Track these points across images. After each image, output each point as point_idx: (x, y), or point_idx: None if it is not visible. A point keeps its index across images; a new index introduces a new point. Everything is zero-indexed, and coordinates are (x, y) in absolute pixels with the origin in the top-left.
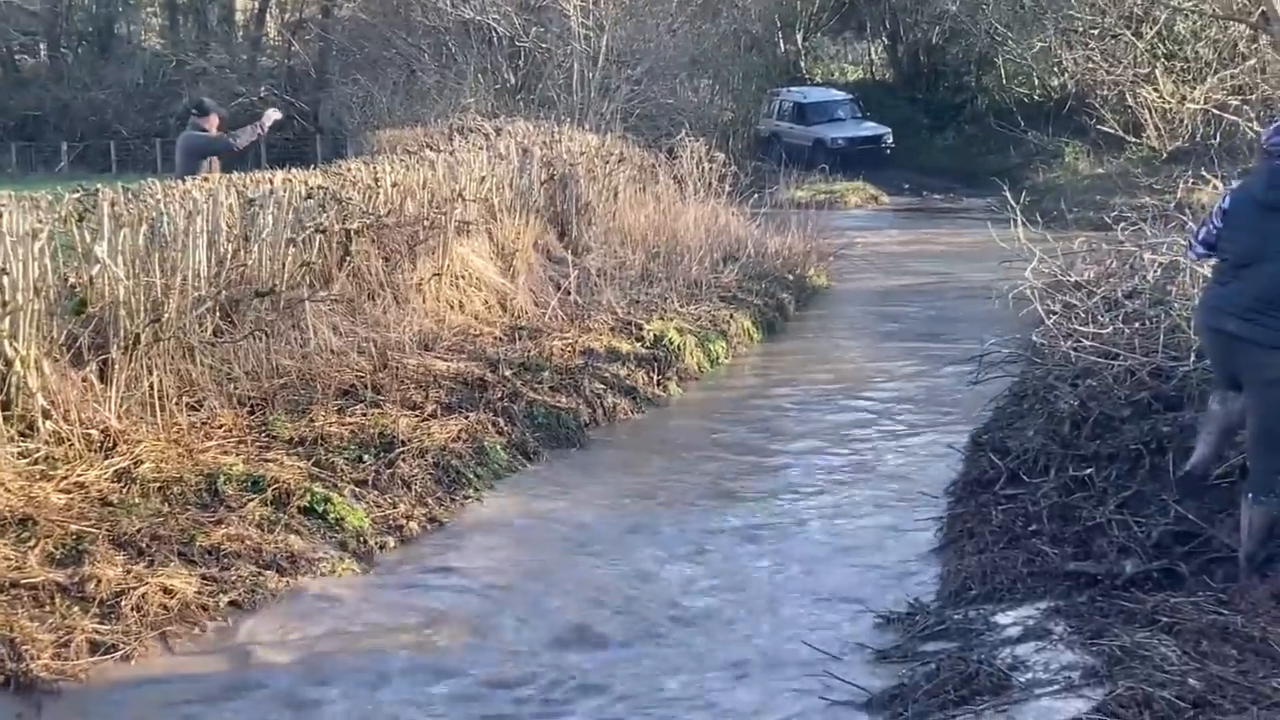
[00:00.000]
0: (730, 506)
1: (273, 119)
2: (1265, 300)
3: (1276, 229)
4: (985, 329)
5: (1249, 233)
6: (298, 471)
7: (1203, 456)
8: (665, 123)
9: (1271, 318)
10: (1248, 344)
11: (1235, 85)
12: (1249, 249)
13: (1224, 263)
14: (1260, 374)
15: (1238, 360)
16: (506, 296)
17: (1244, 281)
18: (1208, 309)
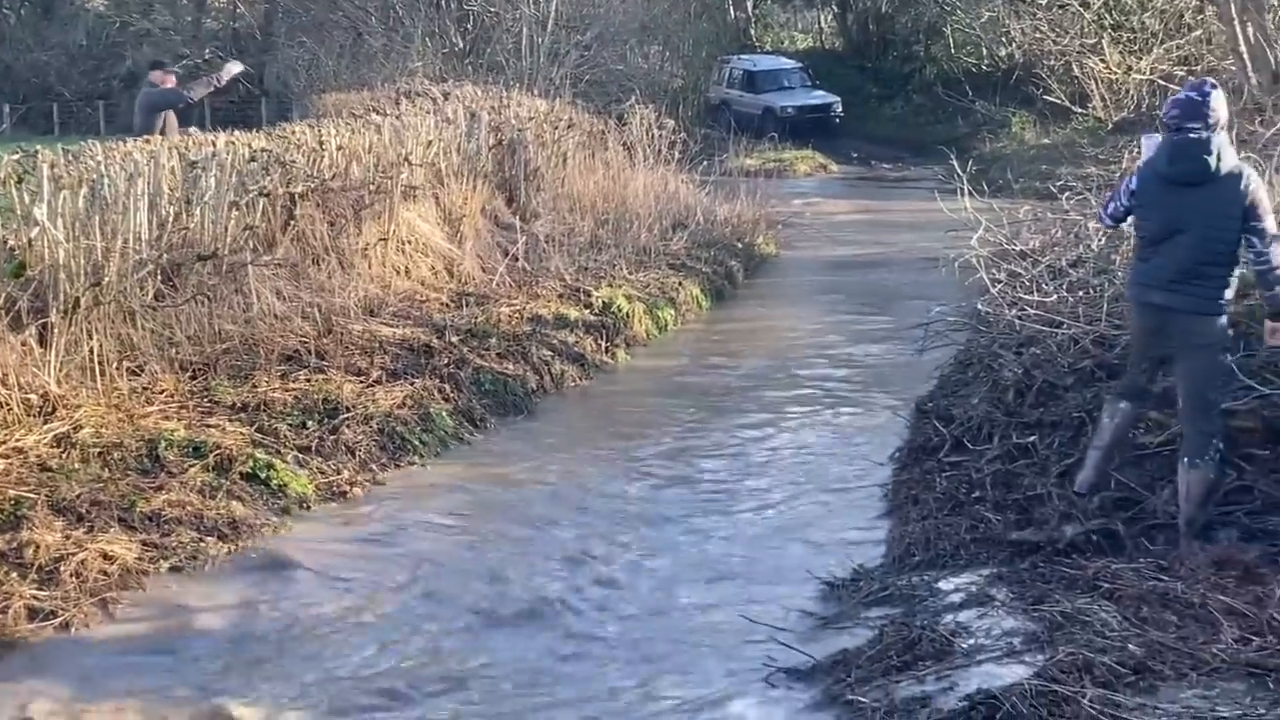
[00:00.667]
0: (676, 475)
1: (232, 72)
2: (1186, 271)
3: (1183, 202)
4: (932, 297)
5: (1159, 209)
6: (240, 437)
7: (1088, 481)
8: (615, 89)
9: (1195, 286)
10: (1176, 313)
11: (1181, 56)
12: (1162, 224)
13: (1142, 240)
14: (1189, 340)
15: (1169, 330)
16: (453, 262)
17: (1163, 256)
18: (1135, 285)
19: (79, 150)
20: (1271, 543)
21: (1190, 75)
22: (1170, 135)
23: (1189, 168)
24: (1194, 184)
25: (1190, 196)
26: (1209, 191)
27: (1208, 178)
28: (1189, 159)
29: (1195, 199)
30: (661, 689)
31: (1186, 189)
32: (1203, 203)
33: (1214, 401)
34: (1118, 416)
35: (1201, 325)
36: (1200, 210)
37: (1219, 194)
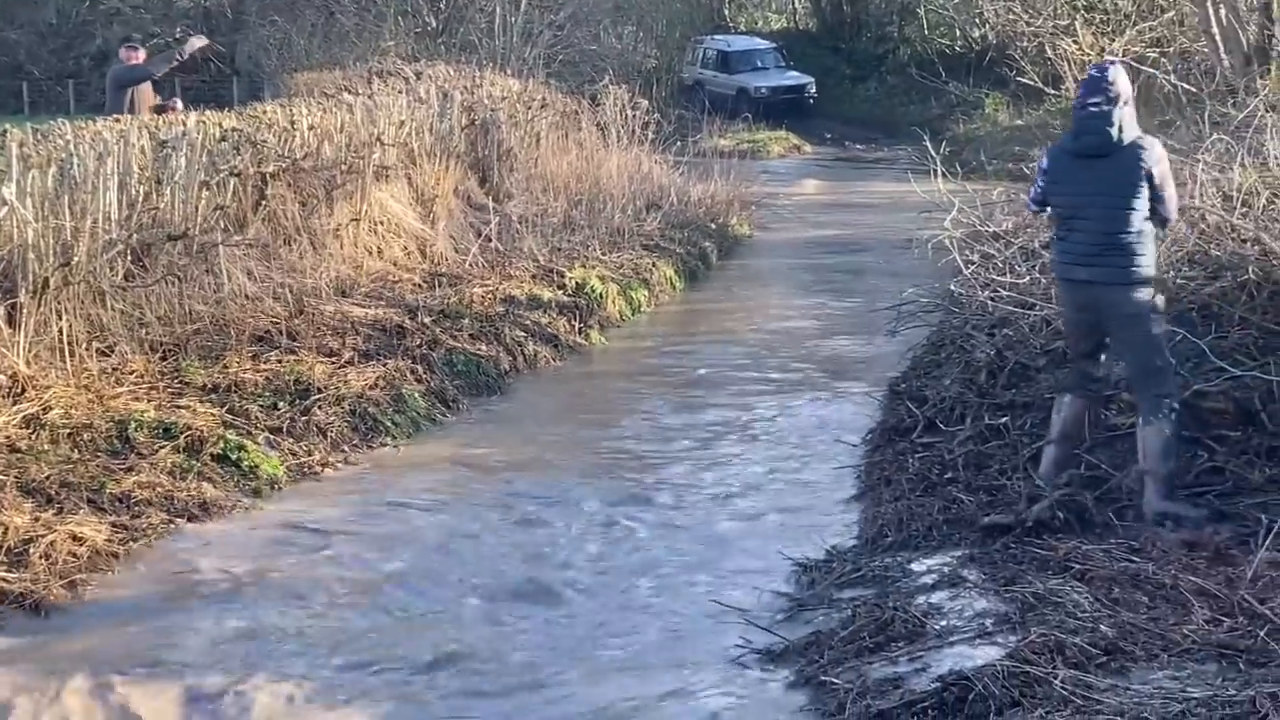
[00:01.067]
0: (649, 458)
1: (195, 46)
2: (1102, 244)
3: (1092, 176)
4: (904, 279)
5: (1070, 184)
6: (211, 418)
7: (1047, 475)
8: (588, 69)
9: (1115, 257)
10: (1100, 286)
11: (1154, 38)
12: (1074, 200)
13: (1059, 218)
14: (1118, 311)
15: (1098, 305)
16: (426, 243)
17: (1080, 232)
18: (1058, 265)
19: (48, 129)
20: (1242, 524)
21: (1163, 57)
22: (1077, 111)
23: (1091, 140)
24: (1098, 156)
25: (1096, 169)
26: (1113, 163)
27: (1110, 149)
28: (1090, 131)
29: (1100, 171)
30: (633, 671)
31: (1092, 162)
32: (1108, 174)
33: (1160, 367)
34: (1064, 410)
35: (1126, 295)
36: (1106, 182)
37: (1122, 165)
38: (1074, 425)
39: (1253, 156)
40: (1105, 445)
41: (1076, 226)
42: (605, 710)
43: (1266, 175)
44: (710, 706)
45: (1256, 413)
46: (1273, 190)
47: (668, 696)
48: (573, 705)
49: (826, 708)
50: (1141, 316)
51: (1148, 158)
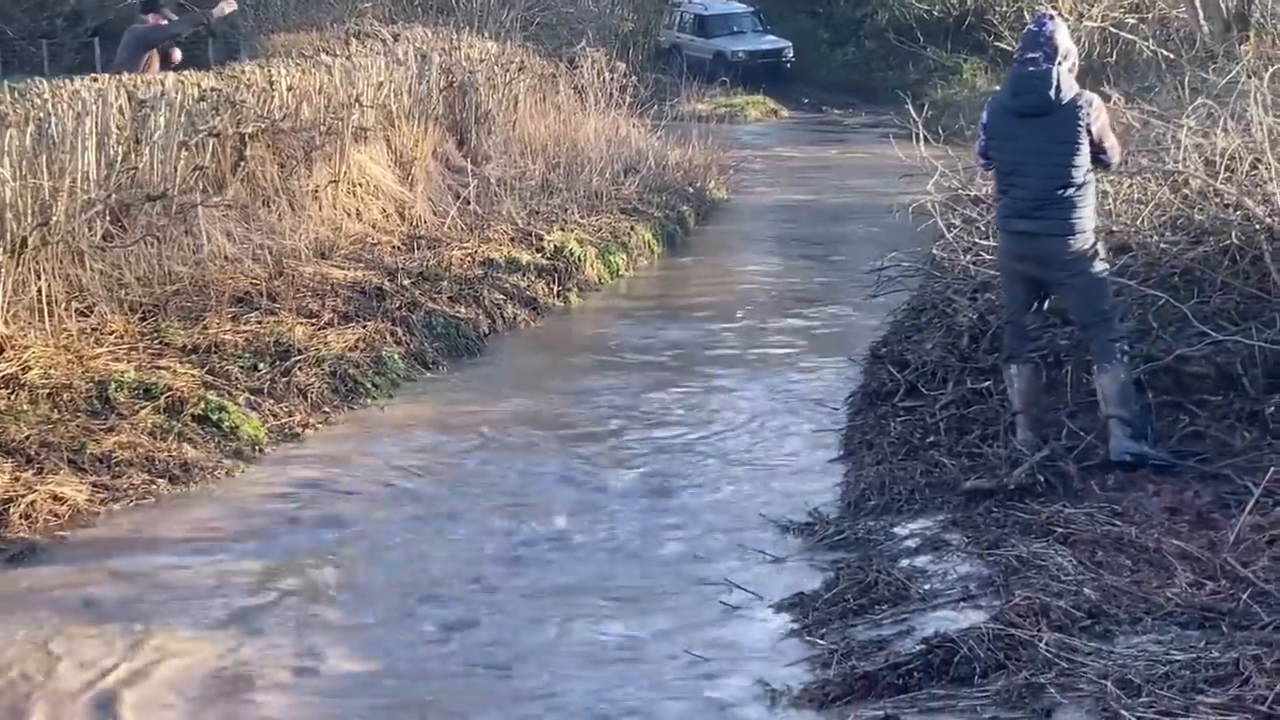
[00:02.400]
0: (630, 419)
1: (224, 11)
2: (1042, 198)
3: (1029, 132)
4: (885, 243)
5: (1009, 140)
6: (191, 379)
7: (1028, 441)
8: (565, 32)
9: (1054, 209)
10: (1041, 238)
11: (1133, 3)
12: (1013, 155)
13: (1000, 172)
14: (1058, 259)
15: (1039, 255)
16: (405, 205)
17: (1019, 187)
18: (1001, 218)
19: (25, 88)
20: (1224, 487)
21: (1142, 23)
22: (1015, 67)
23: (1030, 99)
24: (1037, 114)
25: (1035, 127)
26: (1052, 120)
27: (1049, 108)
28: (1029, 90)
29: (1040, 128)
30: (616, 630)
31: (1031, 119)
32: (1047, 131)
33: (1107, 312)
34: (1016, 381)
35: (1066, 245)
36: (1046, 139)
37: (1062, 122)
38: (1032, 391)
39: (1235, 121)
40: (1086, 410)
41: (1017, 182)
42: (591, 657)
43: (1249, 140)
44: (691, 663)
45: (1238, 377)
46: (1256, 155)
47: (647, 658)
48: (566, 646)
49: (811, 668)
50: (1084, 262)
51: (1086, 115)
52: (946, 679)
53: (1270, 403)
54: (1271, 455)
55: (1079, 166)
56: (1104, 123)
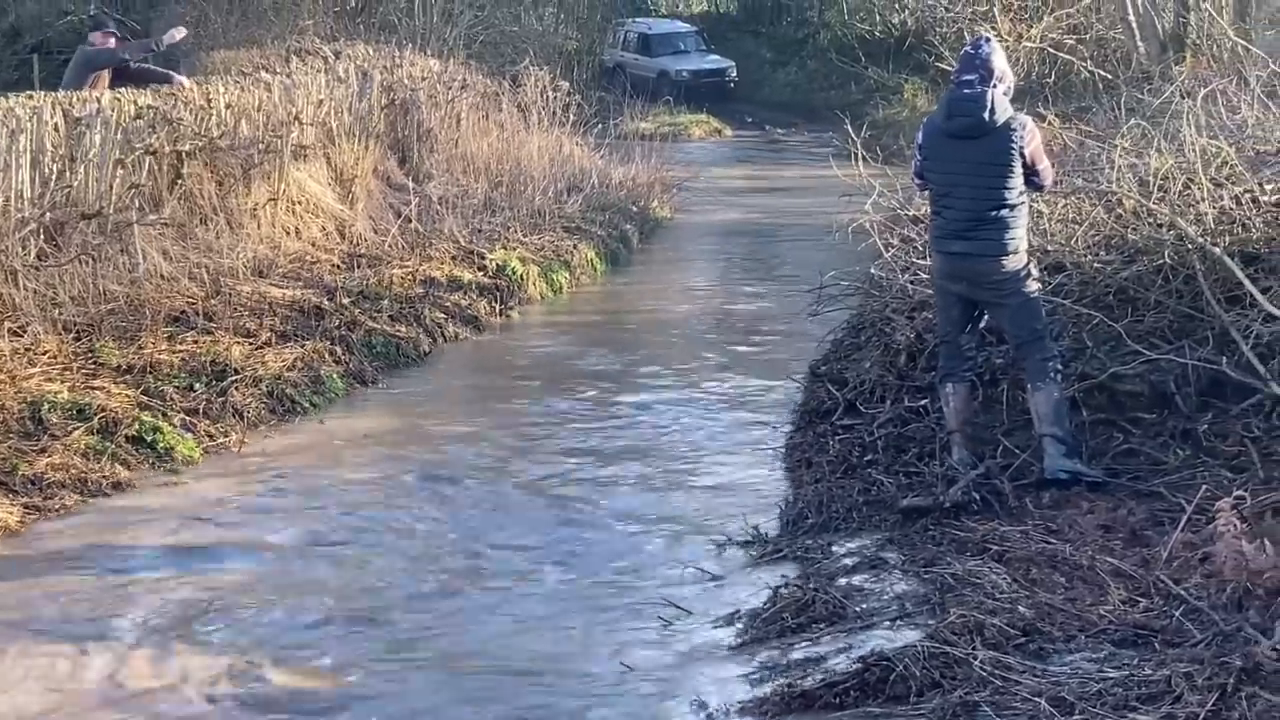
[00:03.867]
0: (565, 438)
1: (175, 37)
2: (975, 219)
3: (963, 154)
4: (825, 262)
5: (944, 162)
6: (126, 400)
7: (964, 460)
8: (509, 50)
9: (987, 230)
10: (973, 258)
11: (1071, 25)
12: (947, 176)
13: (934, 193)
14: (991, 280)
15: (972, 276)
16: (345, 223)
17: (953, 208)
18: (934, 238)
19: None
20: (1157, 505)
21: (1080, 44)
22: (950, 89)
23: (964, 121)
24: (971, 136)
25: (969, 149)
26: (986, 142)
27: (983, 130)
28: (963, 113)
29: (973, 151)
30: (549, 646)
31: (965, 141)
32: (981, 154)
33: (1041, 331)
34: (951, 400)
35: (999, 266)
36: (979, 161)
37: (995, 144)
38: (967, 410)
39: (1168, 142)
40: (1022, 428)
41: (951, 203)
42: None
43: (1182, 160)
44: (627, 680)
45: (1171, 395)
46: (1188, 175)
47: (591, 676)
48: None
49: (749, 686)
50: (1016, 282)
51: (1019, 137)
52: (883, 697)
53: (1203, 421)
54: (1204, 473)
55: (1012, 188)
56: (1037, 145)
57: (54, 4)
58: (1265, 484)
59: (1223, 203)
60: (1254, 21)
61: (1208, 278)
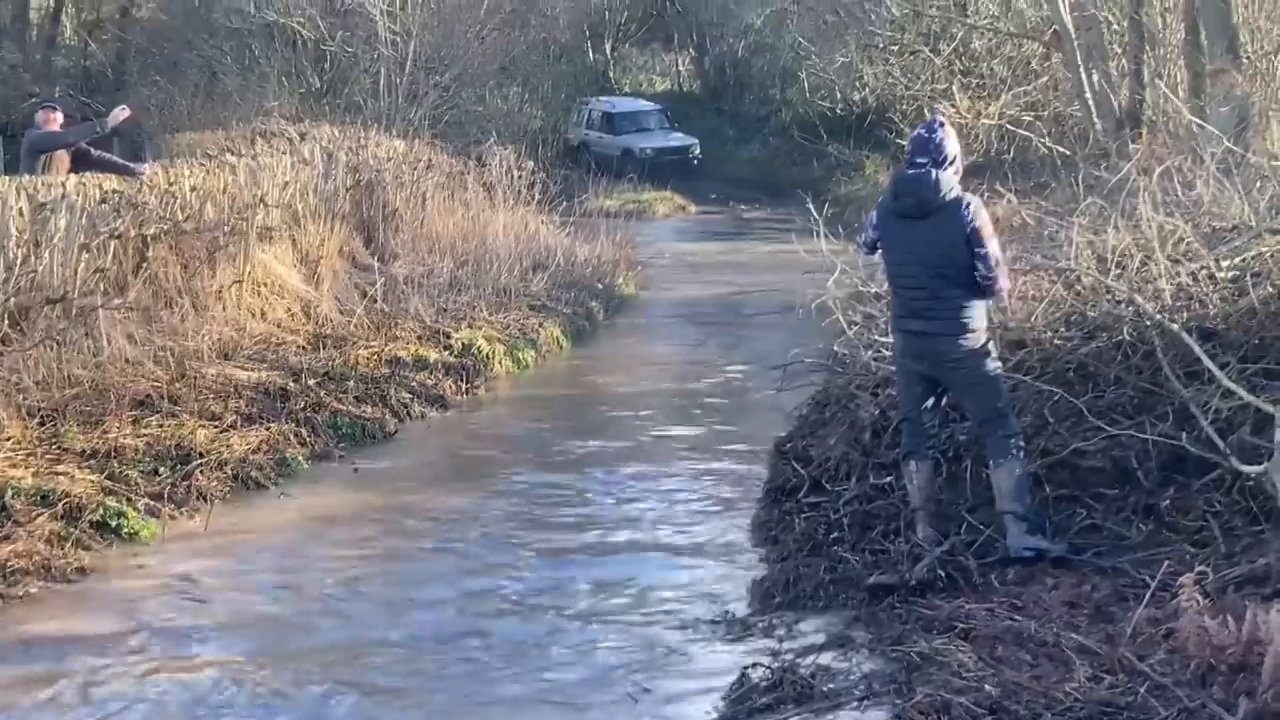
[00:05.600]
0: (529, 518)
1: (119, 118)
2: (932, 299)
3: (914, 234)
4: (790, 338)
5: (896, 241)
6: (90, 485)
7: (928, 538)
8: (474, 130)
9: (943, 308)
10: (931, 337)
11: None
12: (900, 256)
13: (890, 273)
14: (950, 358)
15: (932, 355)
16: (310, 304)
17: (910, 288)
18: (894, 317)
19: None
20: (1121, 580)
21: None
22: (903, 170)
23: (911, 202)
24: (920, 216)
25: (919, 228)
26: (935, 221)
27: (931, 210)
28: (910, 194)
29: (924, 230)
30: None
31: (915, 221)
32: (931, 233)
33: (1001, 409)
34: (915, 478)
35: (958, 344)
36: (930, 241)
37: (944, 224)
38: (930, 487)
39: (1126, 219)
40: (986, 505)
41: (907, 283)
42: None
43: (1139, 237)
44: None
45: (1133, 471)
46: (1145, 252)
47: None
48: None
49: None
50: (976, 360)
51: (968, 216)
52: None
53: (1165, 496)
54: (1167, 548)
55: (962, 267)
56: (985, 224)
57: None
58: (1227, 558)
59: (1180, 279)
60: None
61: (1166, 353)
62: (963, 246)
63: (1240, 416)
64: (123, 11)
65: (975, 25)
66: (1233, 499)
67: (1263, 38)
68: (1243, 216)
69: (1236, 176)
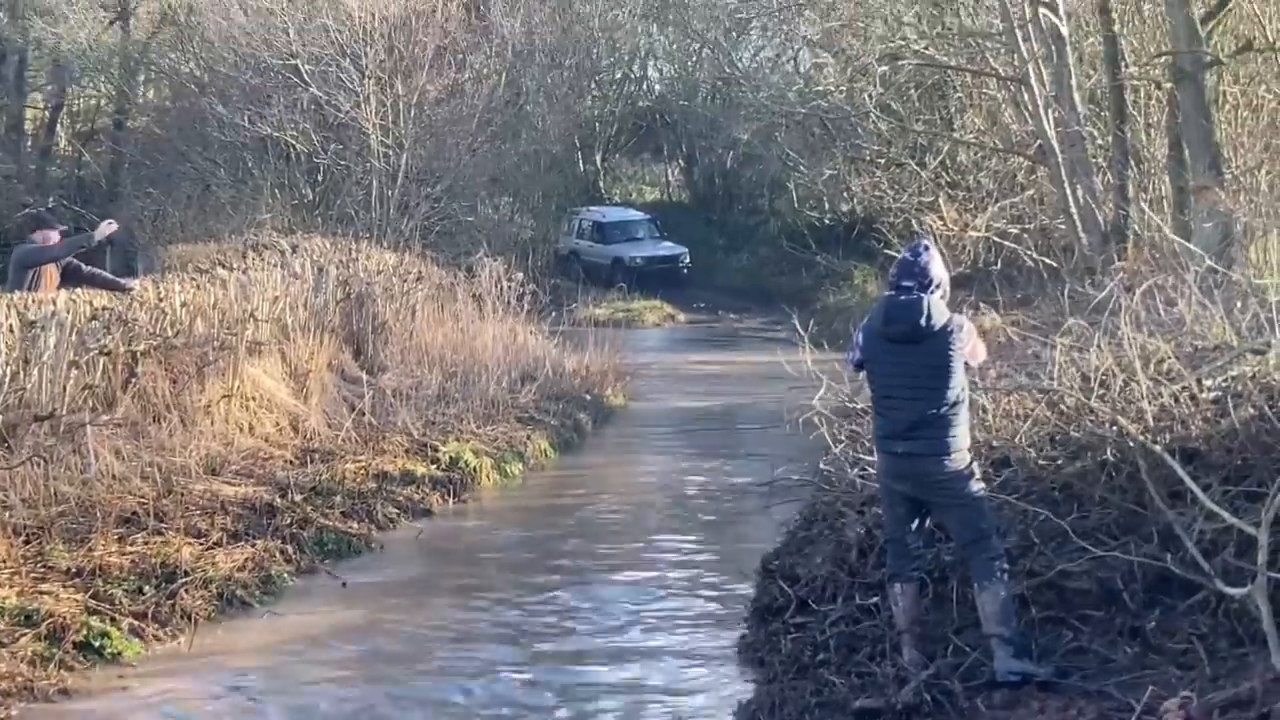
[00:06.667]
0: (513, 635)
1: (106, 231)
2: (918, 421)
3: (902, 358)
4: (778, 450)
5: (883, 364)
6: (74, 604)
7: (914, 661)
8: (464, 240)
9: (929, 430)
10: (917, 459)
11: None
12: (887, 379)
13: (876, 395)
14: (935, 479)
15: (916, 476)
16: (299, 418)
17: (896, 409)
18: (878, 439)
19: None
20: (1107, 704)
21: (1024, 233)
22: (889, 294)
23: (902, 328)
24: (910, 341)
25: (908, 353)
26: (924, 347)
27: (921, 335)
28: (900, 320)
29: (913, 355)
30: None
31: (904, 346)
32: (919, 357)
33: (986, 531)
34: (900, 600)
35: (943, 466)
36: (920, 365)
37: (934, 348)
38: (916, 609)
39: (1109, 337)
40: (972, 626)
41: (893, 405)
42: None
43: (1122, 357)
44: None
45: (1119, 592)
46: (1128, 373)
47: None
48: None
49: None
50: (960, 482)
51: (957, 339)
52: None
53: (1150, 618)
54: (1152, 671)
55: (953, 388)
56: (974, 343)
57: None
58: (1212, 681)
59: (1162, 400)
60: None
61: (1150, 474)
62: (953, 370)
63: (1224, 538)
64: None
65: (961, 139)
66: (1218, 621)
67: (1245, 154)
68: (1224, 337)
69: (1219, 295)
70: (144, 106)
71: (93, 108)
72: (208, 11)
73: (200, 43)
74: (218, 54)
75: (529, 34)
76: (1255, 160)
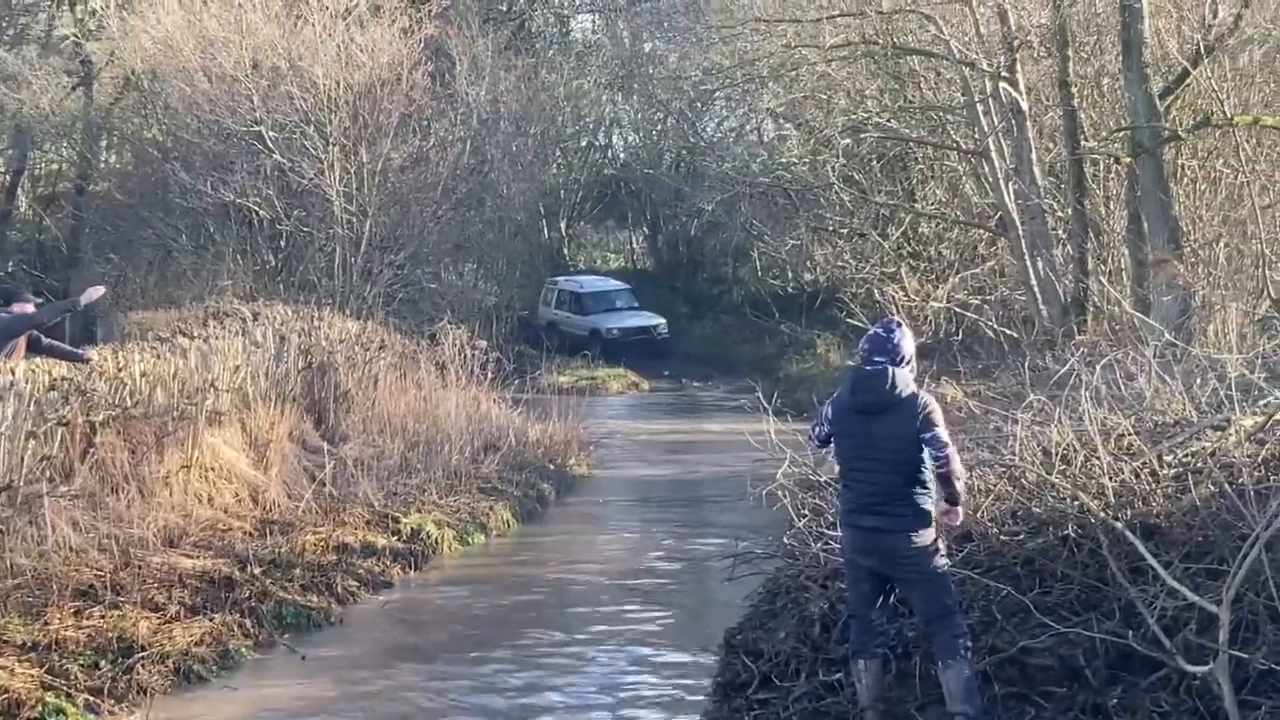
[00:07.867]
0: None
1: (93, 296)
2: (885, 494)
3: (871, 431)
4: (740, 521)
5: (850, 436)
6: (29, 680)
7: None
8: (428, 307)
9: (897, 505)
10: (884, 533)
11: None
12: (854, 450)
13: (843, 467)
14: (901, 554)
15: (882, 551)
16: (258, 489)
17: (863, 483)
18: (843, 511)
19: None
20: None
21: (985, 304)
22: (860, 367)
23: (868, 398)
24: (876, 412)
25: (875, 423)
26: (891, 417)
27: (887, 406)
28: (867, 390)
29: (880, 426)
30: None
31: (872, 417)
32: (887, 428)
33: (950, 607)
34: (864, 677)
35: (909, 541)
36: (886, 436)
37: (900, 419)
38: (878, 686)
39: (1069, 413)
40: (936, 702)
41: (860, 478)
42: None
43: (1082, 432)
44: None
45: (1081, 669)
46: (1089, 449)
47: None
48: None
49: None
50: (925, 558)
51: (922, 409)
52: None
53: (1112, 695)
54: None
55: (916, 461)
56: (934, 414)
57: None
58: None
59: (1123, 476)
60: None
61: (1112, 550)
62: (915, 441)
63: (1186, 615)
64: (78, 188)
65: (922, 211)
66: (1179, 698)
67: (1204, 227)
68: (1184, 412)
69: (1178, 369)
70: (106, 171)
71: (54, 172)
72: (171, 78)
73: (163, 109)
74: (181, 120)
75: (494, 102)
76: (1213, 234)
